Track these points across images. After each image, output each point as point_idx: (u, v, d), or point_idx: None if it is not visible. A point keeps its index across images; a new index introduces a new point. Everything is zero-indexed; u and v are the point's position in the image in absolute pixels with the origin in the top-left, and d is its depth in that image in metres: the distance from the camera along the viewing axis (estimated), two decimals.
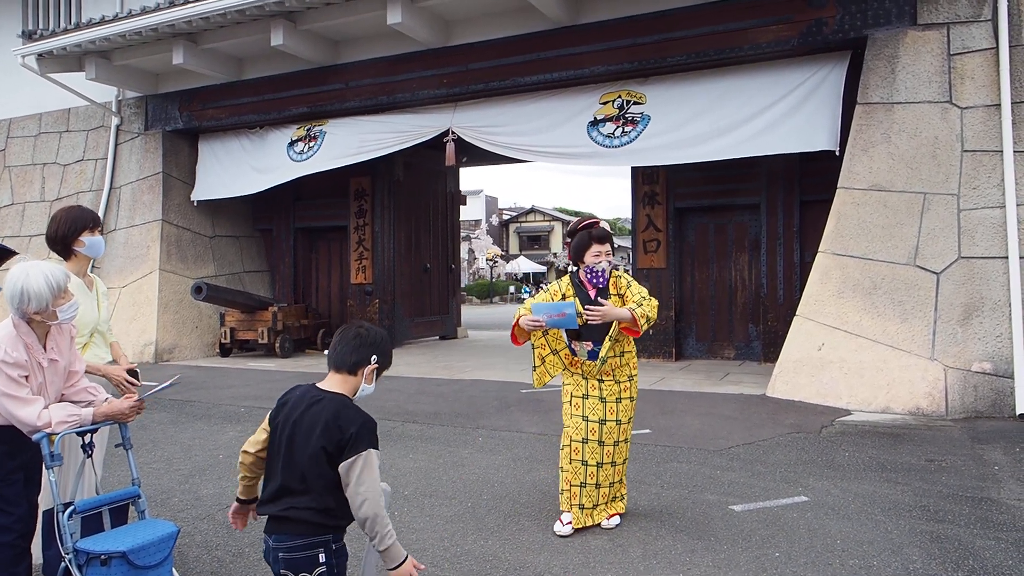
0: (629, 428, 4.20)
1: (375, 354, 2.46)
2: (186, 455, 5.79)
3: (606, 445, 4.08)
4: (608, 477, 4.11)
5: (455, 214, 15.63)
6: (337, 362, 2.46)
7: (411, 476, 5.11)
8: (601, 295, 4.10)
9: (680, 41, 8.88)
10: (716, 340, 11.05)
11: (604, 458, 4.08)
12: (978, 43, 7.36)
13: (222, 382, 9.58)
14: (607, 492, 4.13)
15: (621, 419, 4.13)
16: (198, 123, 12.37)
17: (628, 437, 4.20)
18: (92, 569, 2.68)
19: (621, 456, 4.17)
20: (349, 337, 2.48)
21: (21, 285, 2.80)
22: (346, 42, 10.99)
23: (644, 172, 10.99)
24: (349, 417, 2.32)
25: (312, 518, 2.29)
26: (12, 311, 2.85)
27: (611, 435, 4.10)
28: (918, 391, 6.96)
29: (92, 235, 3.54)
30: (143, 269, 12.25)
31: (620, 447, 4.15)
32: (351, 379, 2.45)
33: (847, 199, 7.80)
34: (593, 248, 4.10)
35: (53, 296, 2.84)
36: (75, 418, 2.89)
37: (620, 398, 4.14)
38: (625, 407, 4.16)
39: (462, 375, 9.84)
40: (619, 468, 4.17)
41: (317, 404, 2.36)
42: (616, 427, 4.12)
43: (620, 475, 4.19)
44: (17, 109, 14.32)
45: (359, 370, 2.44)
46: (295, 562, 2.29)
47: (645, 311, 3.96)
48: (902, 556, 3.61)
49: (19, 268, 2.85)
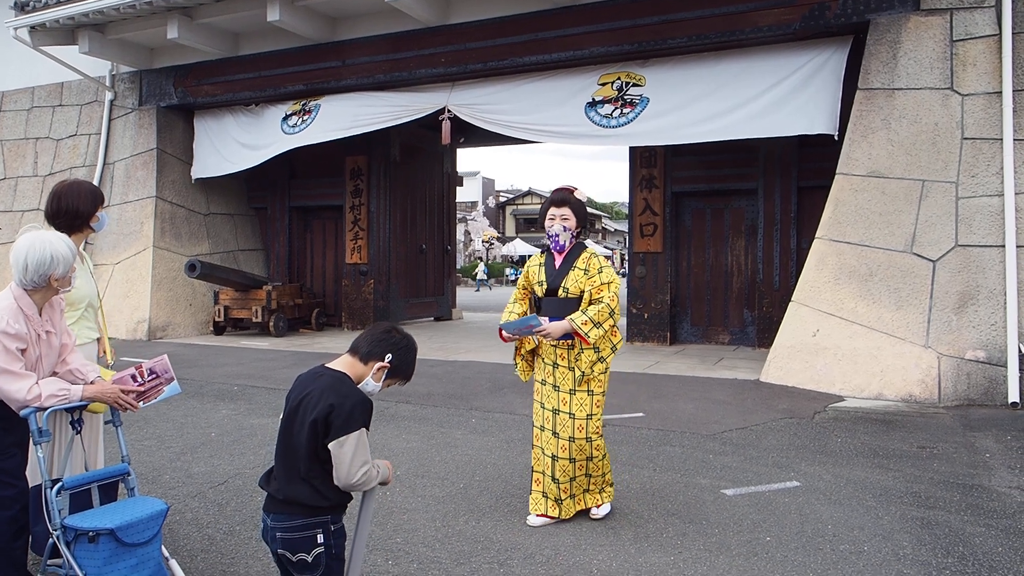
0: (590, 426, 3.84)
1: (392, 353, 2.45)
2: (178, 433, 5.78)
3: (560, 438, 3.84)
4: (566, 473, 3.85)
5: (452, 195, 15.56)
6: (356, 344, 2.47)
7: (404, 457, 5.11)
8: (567, 262, 3.92)
9: (681, 23, 8.80)
10: (711, 325, 11.05)
11: (559, 452, 3.84)
12: (981, 29, 7.30)
13: (215, 360, 9.55)
14: (568, 487, 3.86)
15: (575, 413, 3.83)
16: (193, 99, 12.24)
17: (590, 436, 3.84)
18: (80, 546, 2.66)
19: (582, 454, 3.84)
20: (379, 330, 2.49)
21: (50, 251, 2.80)
22: (344, 19, 10.86)
23: (642, 156, 10.93)
24: (343, 393, 2.30)
25: (310, 499, 2.27)
26: (26, 280, 2.81)
27: (564, 428, 3.83)
28: (911, 378, 6.98)
29: (102, 210, 3.63)
30: (137, 246, 12.18)
31: (578, 444, 3.83)
32: (360, 366, 2.43)
33: (845, 185, 7.77)
34: (549, 211, 3.98)
35: (74, 260, 2.90)
36: (64, 393, 2.86)
37: (574, 390, 3.84)
38: (581, 401, 3.84)
39: (456, 356, 9.83)
40: (580, 464, 3.85)
41: (317, 380, 2.36)
42: (569, 421, 3.83)
43: (588, 471, 3.88)
44: (9, 83, 14.15)
45: (371, 361, 2.43)
46: (293, 542, 2.28)
47: (591, 317, 3.70)
48: (892, 542, 3.62)
49: (31, 236, 2.84)
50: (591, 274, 3.86)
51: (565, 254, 3.98)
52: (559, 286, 3.91)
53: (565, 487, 3.87)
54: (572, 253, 3.96)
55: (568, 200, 3.96)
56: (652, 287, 10.97)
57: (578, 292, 3.87)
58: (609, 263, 3.94)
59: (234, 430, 5.77)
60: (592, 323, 3.72)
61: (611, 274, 3.86)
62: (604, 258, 3.95)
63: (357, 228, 13.14)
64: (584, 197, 4.06)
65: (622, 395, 7.13)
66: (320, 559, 2.29)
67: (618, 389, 7.40)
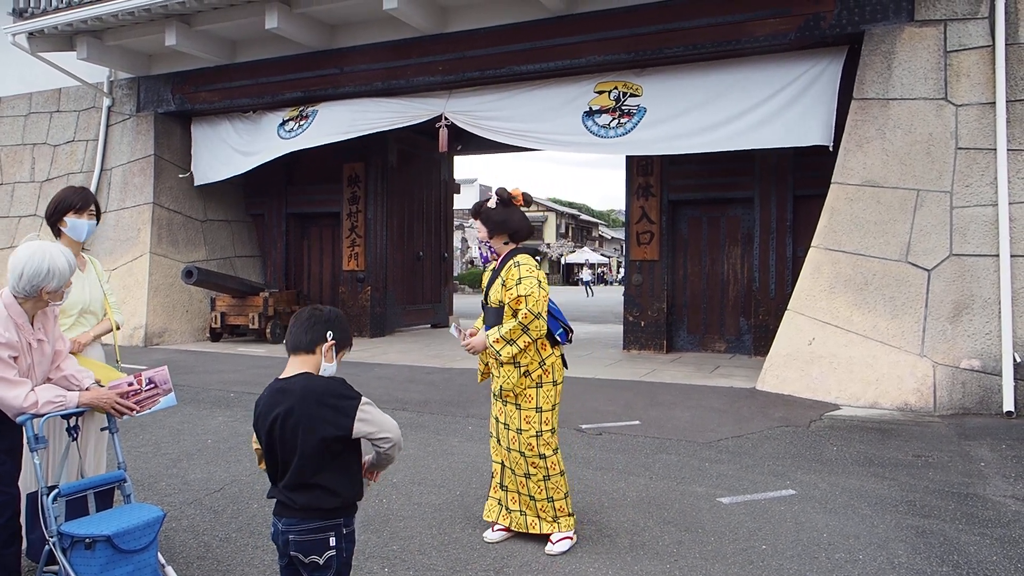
0: (522, 440, 3.64)
1: (330, 330, 2.46)
2: (174, 439, 5.77)
3: (501, 446, 3.77)
4: (512, 483, 3.75)
5: (449, 203, 15.57)
6: (294, 344, 2.45)
7: (400, 464, 5.10)
8: (495, 273, 3.80)
9: (678, 33, 8.85)
10: (707, 333, 11.07)
11: (507, 461, 3.75)
12: (974, 40, 7.36)
13: (212, 367, 9.54)
14: (515, 498, 3.75)
15: (508, 424, 3.69)
16: (191, 106, 12.26)
17: (524, 451, 3.65)
18: (76, 553, 2.67)
19: (520, 468, 3.68)
20: (303, 318, 2.49)
21: (47, 264, 2.80)
22: (342, 27, 10.90)
23: (639, 164, 10.97)
24: (324, 386, 2.35)
25: (322, 502, 2.31)
26: (18, 289, 2.82)
27: (503, 437, 3.73)
28: (907, 387, 7.00)
29: (77, 218, 3.54)
30: (133, 252, 12.17)
31: (513, 457, 3.68)
32: (310, 358, 2.44)
33: (840, 194, 7.81)
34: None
35: (71, 277, 2.89)
36: (60, 399, 2.87)
37: (508, 401, 3.69)
38: (510, 413, 3.69)
39: (453, 364, 9.83)
40: (520, 479, 3.70)
41: (286, 393, 2.34)
42: (505, 431, 3.72)
43: (525, 488, 3.69)
44: (7, 88, 14.16)
45: (316, 348, 2.44)
46: (306, 545, 2.31)
47: (503, 334, 3.55)
48: (888, 550, 3.63)
49: (34, 247, 2.84)
50: (508, 286, 3.64)
51: (497, 264, 3.84)
52: (487, 296, 3.83)
53: (513, 496, 3.78)
54: (502, 262, 3.79)
55: (479, 211, 3.85)
56: (648, 295, 10.99)
57: (497, 303, 3.72)
58: (535, 270, 3.65)
59: (230, 437, 5.76)
60: (504, 340, 3.56)
61: (530, 285, 3.55)
62: (530, 267, 3.65)
63: (354, 235, 13.16)
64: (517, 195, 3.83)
65: (618, 403, 7.14)
66: (331, 562, 2.32)
67: (614, 397, 7.41)
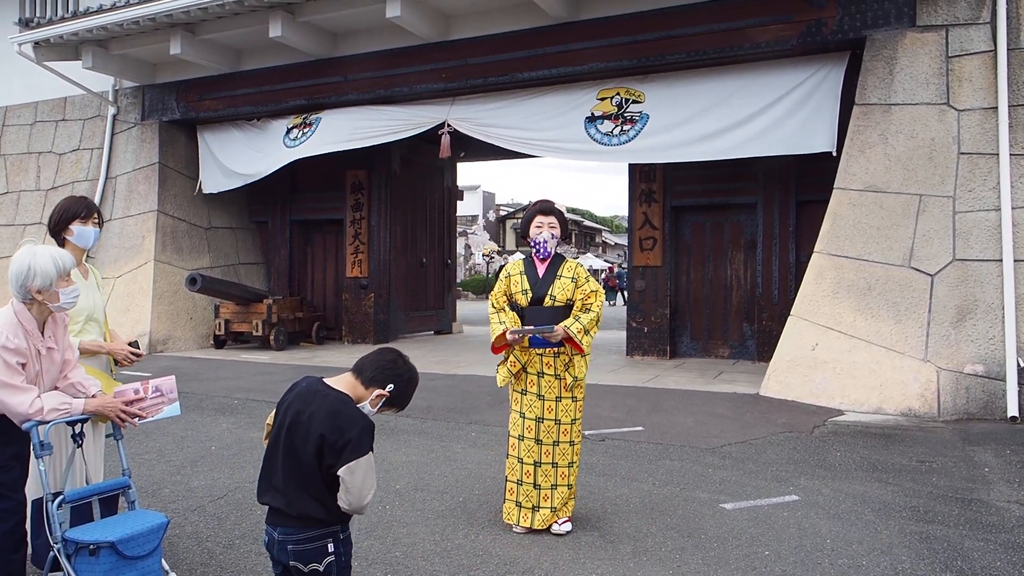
0: (573, 430, 4.04)
1: (394, 384, 2.45)
2: (178, 446, 5.78)
3: (543, 444, 3.98)
4: (548, 478, 3.98)
5: (452, 209, 15.60)
6: (360, 366, 2.47)
7: (403, 470, 5.11)
8: (551, 271, 4.02)
9: (680, 39, 8.87)
10: (711, 339, 11.06)
11: (542, 458, 3.98)
12: (976, 45, 7.36)
13: (216, 374, 9.56)
14: (548, 494, 3.97)
15: (561, 419, 4.00)
16: (195, 114, 12.33)
17: (573, 440, 4.04)
18: (80, 559, 2.68)
19: (564, 459, 4.00)
20: (387, 358, 2.49)
21: (28, 262, 2.83)
22: (345, 35, 10.96)
23: (642, 170, 10.98)
24: (350, 417, 2.32)
25: (322, 514, 2.32)
26: (15, 292, 2.85)
27: (548, 434, 3.99)
28: (910, 392, 6.98)
29: (83, 225, 3.55)
30: (138, 260, 12.21)
31: (561, 448, 4.00)
32: (360, 388, 2.44)
33: (843, 200, 7.81)
34: (536, 219, 4.09)
35: (58, 276, 2.88)
36: (66, 407, 2.89)
37: (560, 396, 4.01)
38: (566, 407, 4.02)
39: (456, 370, 9.83)
40: (562, 471, 4.00)
41: (320, 398, 2.36)
42: (555, 427, 4.00)
43: (565, 479, 4.01)
44: (13, 97, 14.25)
45: (372, 387, 2.44)
46: (305, 553, 2.32)
47: (584, 325, 3.89)
48: (891, 556, 3.63)
49: (26, 248, 2.89)
50: (580, 283, 4.01)
51: (548, 263, 4.05)
52: (545, 295, 3.97)
53: (546, 493, 3.94)
54: (554, 262, 4.07)
55: (554, 210, 4.07)
56: (652, 301, 10.99)
57: (564, 300, 3.99)
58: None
59: (234, 444, 5.78)
60: (584, 331, 3.90)
61: (596, 283, 4.06)
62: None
63: (358, 242, 13.18)
64: (563, 209, 4.19)
65: (621, 409, 7.13)
66: (331, 568, 2.34)
67: (618, 403, 7.41)
